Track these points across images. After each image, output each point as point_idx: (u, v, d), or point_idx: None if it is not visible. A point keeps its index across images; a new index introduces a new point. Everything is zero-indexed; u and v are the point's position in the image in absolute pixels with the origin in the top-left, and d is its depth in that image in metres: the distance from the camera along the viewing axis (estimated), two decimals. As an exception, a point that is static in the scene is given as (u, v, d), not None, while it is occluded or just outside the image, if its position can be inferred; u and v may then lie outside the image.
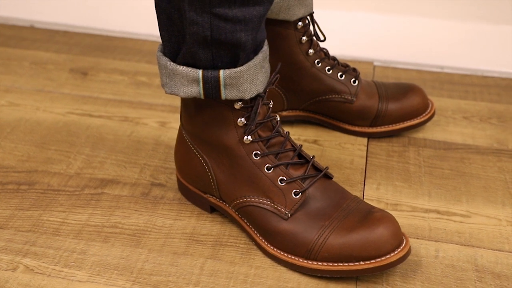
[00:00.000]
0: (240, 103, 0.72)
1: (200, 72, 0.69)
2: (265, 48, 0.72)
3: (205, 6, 0.65)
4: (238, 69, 0.69)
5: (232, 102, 0.72)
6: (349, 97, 0.94)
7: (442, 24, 1.25)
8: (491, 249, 0.77)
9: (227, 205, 0.78)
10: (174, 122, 0.99)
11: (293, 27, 0.89)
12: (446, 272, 0.74)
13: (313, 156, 0.76)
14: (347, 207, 0.73)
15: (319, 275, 0.71)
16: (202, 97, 0.71)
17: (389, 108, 0.95)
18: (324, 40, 0.92)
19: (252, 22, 0.67)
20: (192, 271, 0.72)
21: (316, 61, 0.93)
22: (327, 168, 0.75)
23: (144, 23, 1.28)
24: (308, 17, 0.91)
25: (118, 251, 0.75)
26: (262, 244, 0.75)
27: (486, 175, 0.90)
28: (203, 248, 0.75)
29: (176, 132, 0.97)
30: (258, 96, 0.72)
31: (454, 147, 0.96)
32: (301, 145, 0.76)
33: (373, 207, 0.73)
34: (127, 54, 1.21)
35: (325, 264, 0.71)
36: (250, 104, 0.73)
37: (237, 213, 0.77)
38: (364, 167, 0.91)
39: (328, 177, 0.76)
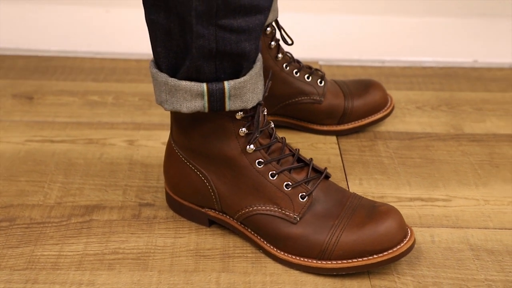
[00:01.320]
0: (241, 113, 0.72)
1: (205, 85, 0.68)
2: (260, 56, 0.73)
3: (212, 18, 0.64)
4: (242, 79, 0.69)
5: (233, 112, 0.72)
6: (318, 98, 0.96)
7: (378, 20, 1.30)
8: (478, 228, 0.82)
9: (229, 217, 0.77)
10: (141, 139, 0.97)
11: (262, 33, 0.90)
12: (445, 255, 0.77)
13: (311, 159, 0.77)
14: (351, 205, 0.75)
15: (334, 273, 0.72)
16: (206, 110, 0.70)
17: (354, 105, 0.97)
18: (292, 43, 0.94)
19: (255, 31, 0.67)
20: (209, 287, 0.71)
21: (284, 65, 0.94)
22: (326, 168, 0.77)
23: (80, 39, 1.24)
24: (274, 23, 0.92)
25: (127, 277, 0.72)
26: (272, 251, 0.75)
27: (453, 160, 0.95)
28: (212, 263, 0.74)
29: (147, 149, 0.94)
30: (258, 104, 0.72)
31: (416, 137, 1.01)
32: (298, 149, 0.76)
33: (374, 202, 0.76)
34: (70, 73, 1.16)
35: (340, 262, 0.72)
36: (250, 113, 0.73)
37: (241, 223, 0.76)
38: (342, 164, 0.93)
39: (326, 177, 0.78)
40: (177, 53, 0.68)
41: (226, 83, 0.68)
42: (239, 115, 0.72)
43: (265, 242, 0.75)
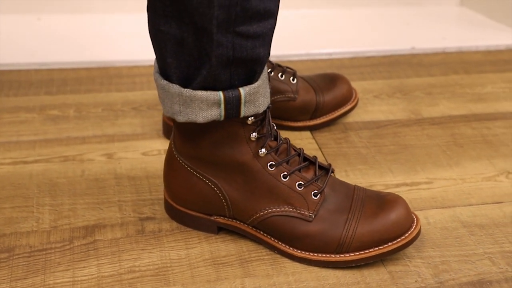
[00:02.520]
0: (252, 118, 0.72)
1: (221, 93, 0.67)
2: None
3: (230, 26, 0.64)
4: (255, 84, 0.69)
5: (244, 118, 0.71)
6: (292, 95, 0.97)
7: (319, 13, 1.34)
8: (464, 206, 0.87)
9: (240, 222, 0.77)
10: (119, 152, 0.94)
11: None
12: (444, 234, 0.81)
13: (315, 156, 0.78)
14: (358, 197, 0.77)
15: (353, 265, 0.74)
16: (222, 118, 0.69)
17: (325, 99, 1.00)
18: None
19: (267, 36, 0.67)
20: (237, 294, 0.71)
21: (259, 65, 0.94)
22: (330, 164, 0.78)
23: (19, 51, 1.17)
24: None
25: (152, 295, 0.70)
26: (288, 250, 0.76)
27: (421, 144, 1.00)
28: (232, 269, 0.74)
29: (128, 161, 0.91)
30: (267, 107, 0.73)
31: (383, 125, 1.05)
32: (302, 149, 0.78)
33: (378, 192, 0.78)
34: (19, 88, 1.09)
35: (358, 253, 0.74)
36: (259, 118, 0.73)
37: (253, 227, 0.76)
38: (324, 158, 0.95)
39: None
40: (190, 63, 0.67)
41: (241, 90, 0.68)
42: (250, 120, 0.72)
43: (279, 243, 0.76)
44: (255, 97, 0.69)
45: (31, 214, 0.81)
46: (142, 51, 1.22)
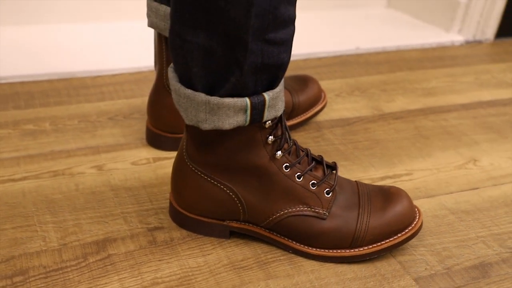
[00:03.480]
0: (270, 121, 0.73)
1: (248, 100, 0.68)
2: None
3: (262, 34, 0.65)
4: (277, 89, 0.71)
5: (263, 122, 0.73)
6: (272, 97, 0.99)
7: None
8: (446, 194, 0.93)
9: (254, 225, 0.78)
10: (108, 163, 0.92)
11: None
12: (436, 222, 0.87)
13: (321, 156, 0.81)
14: (362, 192, 0.81)
15: (367, 258, 0.78)
16: (247, 123, 0.70)
17: (300, 100, 1.03)
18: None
19: (290, 42, 0.69)
20: (266, 296, 0.72)
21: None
22: (335, 162, 0.81)
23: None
24: None
25: (184, 305, 0.70)
26: (303, 249, 0.78)
27: (391, 138, 1.06)
28: (253, 273, 0.75)
29: (120, 172, 0.90)
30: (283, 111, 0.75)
31: (352, 122, 1.09)
32: (309, 149, 0.80)
33: (380, 186, 0.82)
34: (-19, 104, 1.04)
35: (371, 246, 0.78)
36: (275, 121, 0.74)
37: (267, 229, 0.78)
38: (308, 157, 0.98)
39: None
40: (217, 72, 0.67)
41: (266, 95, 0.69)
42: (268, 124, 0.73)
43: (294, 242, 0.78)
44: (276, 101, 0.71)
45: (35, 233, 0.78)
46: (103, 60, 1.20)
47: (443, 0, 1.53)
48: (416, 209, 0.81)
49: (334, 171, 0.82)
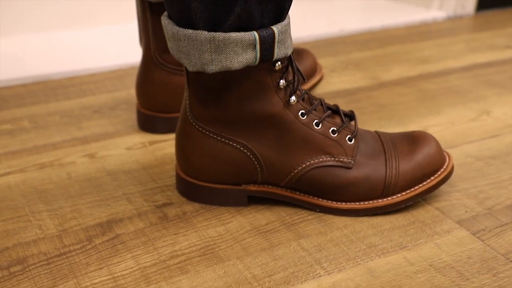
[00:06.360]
0: (279, 63, 0.66)
1: (256, 33, 0.61)
2: None
3: None
4: (285, 22, 0.64)
5: (271, 64, 0.66)
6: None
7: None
8: (467, 143, 0.87)
9: (274, 187, 0.70)
10: (100, 151, 0.83)
11: None
12: (464, 169, 0.80)
13: (336, 105, 0.74)
14: (385, 140, 0.73)
15: (403, 206, 0.70)
16: (257, 62, 0.63)
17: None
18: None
19: None
20: (300, 255, 0.64)
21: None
22: (352, 111, 0.74)
23: None
24: None
25: (210, 274, 0.61)
26: (332, 205, 0.70)
27: (397, 101, 0.99)
28: (281, 235, 0.67)
29: (116, 158, 0.81)
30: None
31: (352, 92, 1.03)
32: (322, 98, 0.73)
33: (402, 132, 0.75)
34: (-50, 112, 0.94)
35: (404, 193, 0.70)
36: (285, 64, 0.67)
37: (288, 189, 0.70)
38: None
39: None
40: (219, 3, 0.60)
41: (274, 28, 0.62)
42: (278, 65, 0.66)
43: (320, 199, 0.70)
44: (285, 36, 0.64)
45: (29, 223, 0.68)
46: (79, 61, 1.12)
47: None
48: (444, 152, 0.74)
49: (353, 121, 0.75)
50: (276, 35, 0.62)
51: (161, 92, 0.84)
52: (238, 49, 0.61)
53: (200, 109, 0.68)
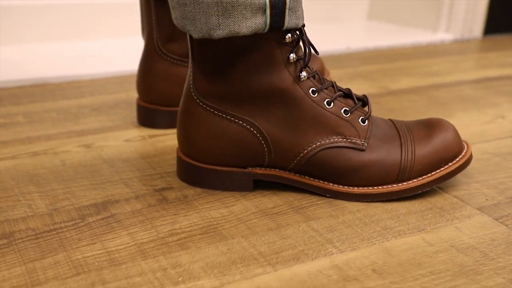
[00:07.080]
0: (290, 35, 0.63)
1: None
2: None
3: None
4: None
5: (280, 36, 0.62)
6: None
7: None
8: (483, 142, 0.83)
9: (282, 170, 0.66)
10: (98, 142, 0.79)
11: None
12: (482, 164, 0.76)
13: (349, 88, 0.70)
14: (400, 126, 0.69)
15: (419, 191, 0.66)
16: (267, 28, 0.59)
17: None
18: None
19: None
20: (310, 235, 0.59)
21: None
22: (365, 95, 0.70)
23: None
24: None
25: (213, 250, 0.56)
26: (344, 190, 0.65)
27: (406, 107, 0.96)
28: (289, 217, 0.62)
29: (113, 147, 0.77)
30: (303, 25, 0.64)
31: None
32: (334, 81, 0.69)
33: (418, 120, 0.71)
34: None
35: (421, 178, 0.66)
36: (295, 37, 0.64)
37: (298, 173, 0.66)
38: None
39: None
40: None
41: None
42: (288, 37, 0.62)
43: (331, 184, 0.66)
44: (296, 4, 0.61)
45: (18, 202, 0.63)
46: (79, 67, 1.10)
47: (425, 1, 1.49)
48: (462, 140, 0.70)
49: (366, 107, 0.71)
50: (288, 0, 0.59)
51: (163, 84, 0.81)
52: (247, 13, 0.58)
53: (204, 84, 0.64)
